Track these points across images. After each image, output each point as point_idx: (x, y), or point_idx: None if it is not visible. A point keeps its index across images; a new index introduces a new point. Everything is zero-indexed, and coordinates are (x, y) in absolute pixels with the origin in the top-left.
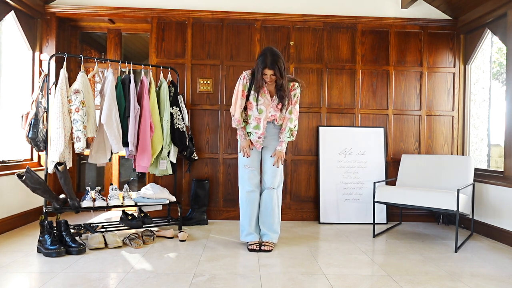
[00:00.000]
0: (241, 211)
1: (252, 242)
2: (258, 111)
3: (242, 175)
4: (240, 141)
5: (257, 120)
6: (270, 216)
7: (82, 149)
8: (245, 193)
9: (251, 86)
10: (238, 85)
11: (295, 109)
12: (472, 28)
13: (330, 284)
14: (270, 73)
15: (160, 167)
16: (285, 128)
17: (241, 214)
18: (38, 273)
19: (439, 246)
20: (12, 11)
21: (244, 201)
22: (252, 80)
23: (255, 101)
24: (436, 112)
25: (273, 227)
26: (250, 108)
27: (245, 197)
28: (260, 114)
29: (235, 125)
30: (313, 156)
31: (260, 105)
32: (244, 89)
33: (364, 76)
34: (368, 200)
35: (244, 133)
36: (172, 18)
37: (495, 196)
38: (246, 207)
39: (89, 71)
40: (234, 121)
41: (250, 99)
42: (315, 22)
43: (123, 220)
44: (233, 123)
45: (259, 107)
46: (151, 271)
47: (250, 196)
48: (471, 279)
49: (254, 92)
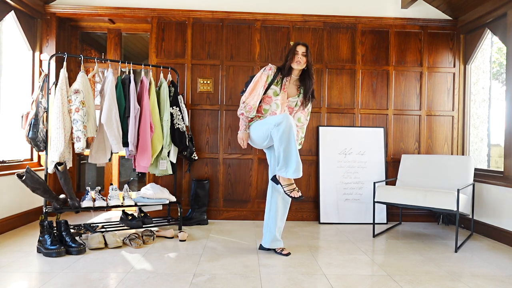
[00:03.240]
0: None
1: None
2: (276, 105)
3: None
4: (240, 131)
5: (273, 114)
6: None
7: (82, 149)
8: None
9: (273, 81)
10: (260, 74)
11: (306, 120)
12: (472, 28)
13: (330, 284)
14: (302, 50)
15: (160, 167)
16: (296, 136)
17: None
18: (38, 273)
19: (439, 246)
20: (12, 11)
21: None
22: (276, 75)
23: (275, 95)
24: (436, 112)
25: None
26: (268, 103)
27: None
28: (277, 108)
29: (245, 111)
30: (313, 156)
31: (277, 100)
32: (267, 80)
33: (364, 76)
34: (368, 200)
35: (247, 124)
36: (172, 18)
37: (495, 196)
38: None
39: (89, 71)
40: (245, 107)
41: (269, 93)
42: (315, 22)
43: (123, 220)
44: (242, 110)
45: (277, 102)
46: (151, 271)
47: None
48: (471, 279)
49: (277, 85)
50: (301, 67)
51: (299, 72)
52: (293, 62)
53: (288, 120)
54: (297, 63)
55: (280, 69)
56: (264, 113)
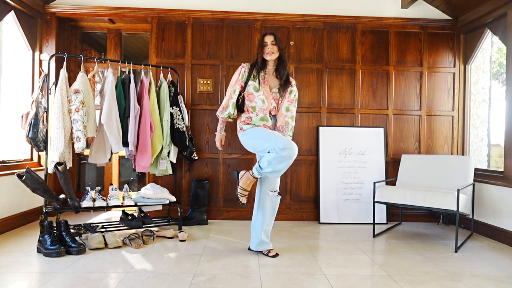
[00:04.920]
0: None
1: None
2: (262, 101)
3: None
4: (217, 133)
5: (263, 111)
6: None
7: (82, 149)
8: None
9: (249, 77)
10: (234, 75)
11: (294, 107)
12: (472, 28)
13: (330, 284)
14: (270, 39)
15: (160, 167)
16: (286, 127)
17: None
18: (38, 273)
19: (439, 246)
20: (12, 11)
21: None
22: (251, 71)
23: (255, 90)
24: (436, 112)
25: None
26: (252, 99)
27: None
28: (263, 104)
29: (224, 114)
30: (313, 156)
31: (260, 95)
32: (242, 77)
33: (364, 76)
34: (368, 200)
35: (223, 127)
36: (172, 18)
37: (495, 196)
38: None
39: (89, 71)
40: (224, 110)
41: (249, 89)
42: (315, 22)
43: (123, 220)
44: (221, 113)
45: (261, 97)
46: (151, 271)
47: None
48: (471, 279)
49: (254, 80)
50: (275, 57)
51: (275, 63)
52: (264, 54)
53: (293, 151)
54: (269, 54)
55: (254, 65)
56: (253, 111)
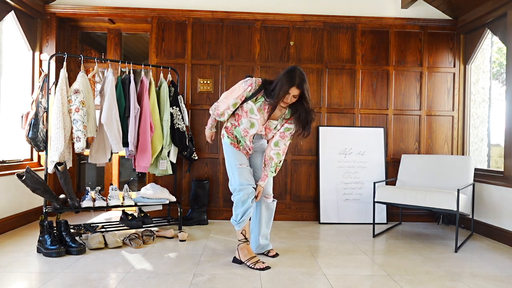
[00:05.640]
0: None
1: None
2: (251, 124)
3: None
4: (208, 128)
5: (245, 132)
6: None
7: (82, 149)
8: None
9: (251, 96)
10: (239, 87)
11: (285, 145)
12: (472, 28)
13: (330, 284)
14: (296, 93)
15: (160, 167)
16: (270, 162)
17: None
18: (38, 273)
19: (439, 246)
20: (12, 11)
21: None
22: (256, 92)
23: (251, 112)
24: (436, 112)
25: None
26: (243, 116)
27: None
28: (251, 128)
29: (214, 113)
30: (313, 156)
31: (253, 119)
32: (245, 95)
33: (364, 76)
34: (368, 200)
35: (214, 124)
36: (172, 18)
37: (495, 196)
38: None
39: (89, 71)
40: (215, 110)
41: (246, 107)
42: (315, 22)
43: (123, 220)
44: (217, 116)
45: (253, 120)
46: (151, 271)
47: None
48: (471, 279)
49: (255, 103)
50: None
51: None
52: (282, 102)
53: (247, 198)
54: (285, 103)
55: (264, 88)
56: (239, 125)
